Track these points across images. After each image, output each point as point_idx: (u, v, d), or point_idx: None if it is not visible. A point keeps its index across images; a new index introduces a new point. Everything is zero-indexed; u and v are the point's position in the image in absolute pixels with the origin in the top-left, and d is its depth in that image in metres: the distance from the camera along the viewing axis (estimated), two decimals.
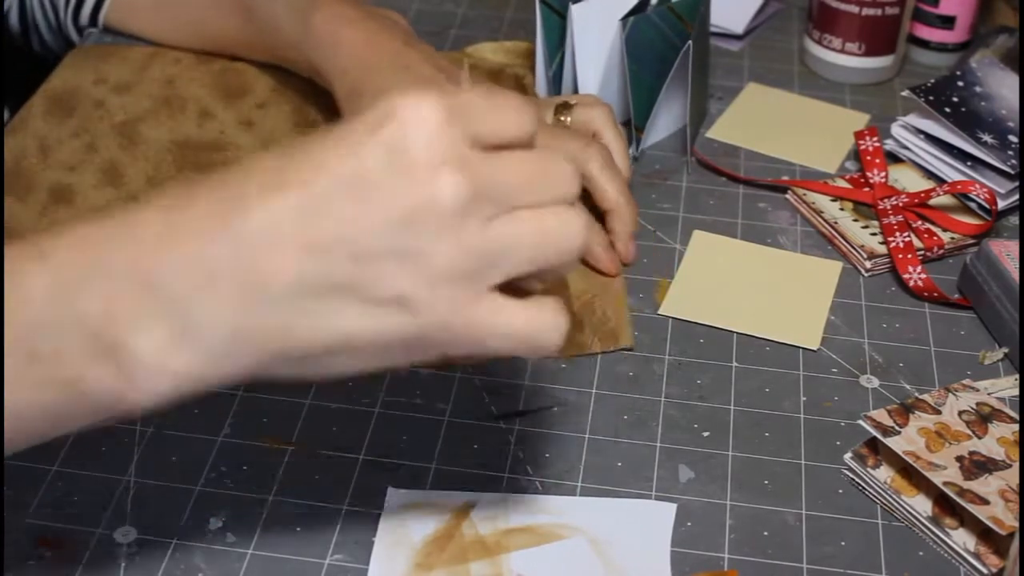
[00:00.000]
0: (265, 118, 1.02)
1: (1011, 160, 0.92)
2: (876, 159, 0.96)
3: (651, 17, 0.97)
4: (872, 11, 1.07)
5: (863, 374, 0.81)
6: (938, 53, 1.13)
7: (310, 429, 0.76)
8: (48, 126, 0.99)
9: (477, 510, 0.71)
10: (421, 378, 0.79)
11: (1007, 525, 0.66)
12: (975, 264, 0.86)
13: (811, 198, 0.95)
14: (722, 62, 1.13)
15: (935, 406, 0.75)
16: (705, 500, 0.72)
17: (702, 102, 1.04)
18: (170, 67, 1.07)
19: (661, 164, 1.00)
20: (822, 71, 1.12)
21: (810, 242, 0.93)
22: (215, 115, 1.02)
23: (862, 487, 0.73)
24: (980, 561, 0.68)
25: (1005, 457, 0.72)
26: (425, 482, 0.73)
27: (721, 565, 0.69)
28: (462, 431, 0.76)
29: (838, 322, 0.85)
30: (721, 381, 0.80)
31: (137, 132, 0.99)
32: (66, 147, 0.97)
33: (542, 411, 0.78)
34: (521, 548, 0.68)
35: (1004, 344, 0.83)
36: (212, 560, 0.68)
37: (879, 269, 0.90)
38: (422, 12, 1.19)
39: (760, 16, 1.19)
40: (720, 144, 1.03)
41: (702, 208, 0.95)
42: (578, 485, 0.73)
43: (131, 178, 0.95)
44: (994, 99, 0.97)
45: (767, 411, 0.78)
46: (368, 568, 0.67)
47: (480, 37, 1.15)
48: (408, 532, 0.69)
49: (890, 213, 0.92)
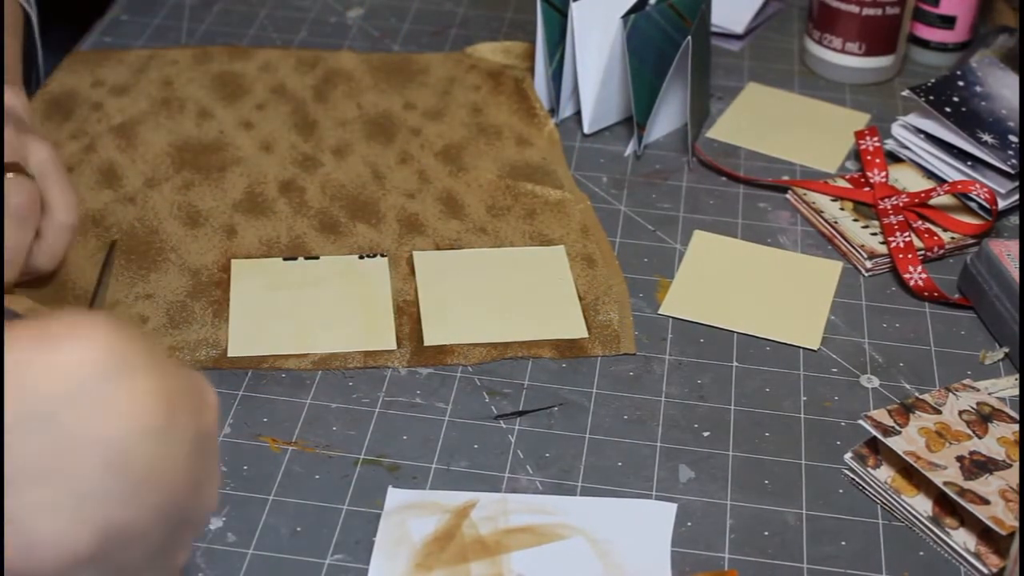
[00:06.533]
0: (264, 119, 1.02)
1: (1011, 160, 0.92)
2: (876, 159, 0.96)
3: (651, 14, 0.97)
4: (872, 11, 1.07)
5: (863, 374, 0.81)
6: (938, 53, 1.13)
7: (310, 429, 0.76)
8: (46, 129, 0.99)
9: (477, 510, 0.70)
10: (421, 378, 0.79)
11: (1007, 525, 0.66)
12: (975, 264, 0.86)
13: (811, 198, 0.95)
14: (722, 62, 1.13)
15: (935, 406, 0.75)
16: (705, 500, 0.72)
17: (703, 101, 1.04)
18: (168, 69, 1.07)
19: (662, 164, 1.00)
20: (822, 71, 1.12)
21: (810, 242, 0.93)
22: (214, 115, 1.02)
23: (862, 487, 0.73)
24: (980, 561, 0.68)
25: (1005, 457, 0.72)
26: (425, 482, 0.73)
27: (721, 565, 0.69)
28: (462, 431, 0.76)
29: (838, 322, 0.85)
30: (721, 381, 0.80)
31: (135, 133, 0.99)
32: (65, 150, 0.97)
33: (542, 411, 0.78)
34: (521, 548, 0.68)
35: (1004, 344, 0.83)
36: (212, 560, 0.67)
37: (879, 269, 0.90)
38: (422, 12, 1.19)
39: (760, 16, 1.19)
40: (720, 144, 1.03)
41: (702, 208, 0.95)
42: (578, 485, 0.73)
43: (129, 180, 0.95)
44: (994, 99, 0.97)
45: (767, 411, 0.78)
46: (368, 568, 0.67)
47: (480, 37, 1.15)
48: (408, 532, 0.69)
49: (890, 213, 0.91)
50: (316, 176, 0.96)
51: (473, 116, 1.04)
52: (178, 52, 1.10)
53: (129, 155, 0.97)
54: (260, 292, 0.85)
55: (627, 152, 1.01)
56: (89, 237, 0.89)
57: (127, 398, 0.46)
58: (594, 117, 1.02)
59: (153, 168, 0.96)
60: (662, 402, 0.79)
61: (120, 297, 0.84)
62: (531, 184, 0.96)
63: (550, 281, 0.87)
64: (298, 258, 0.88)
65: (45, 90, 1.03)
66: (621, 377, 0.80)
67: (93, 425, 0.45)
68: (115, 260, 0.87)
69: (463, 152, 0.99)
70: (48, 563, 0.45)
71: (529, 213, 0.93)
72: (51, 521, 0.45)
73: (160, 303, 0.84)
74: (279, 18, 1.18)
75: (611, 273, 0.88)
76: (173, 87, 1.05)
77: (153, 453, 0.46)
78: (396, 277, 0.87)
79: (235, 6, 1.19)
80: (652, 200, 0.96)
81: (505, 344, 0.82)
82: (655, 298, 0.87)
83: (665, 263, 0.90)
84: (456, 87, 1.07)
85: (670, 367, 0.81)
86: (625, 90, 1.01)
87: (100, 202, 0.92)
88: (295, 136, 1.00)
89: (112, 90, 1.04)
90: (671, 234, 0.93)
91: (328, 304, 0.84)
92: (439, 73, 1.09)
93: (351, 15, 1.19)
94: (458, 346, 0.82)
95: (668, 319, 0.85)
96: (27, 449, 0.44)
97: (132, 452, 0.46)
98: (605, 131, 1.04)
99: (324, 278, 0.87)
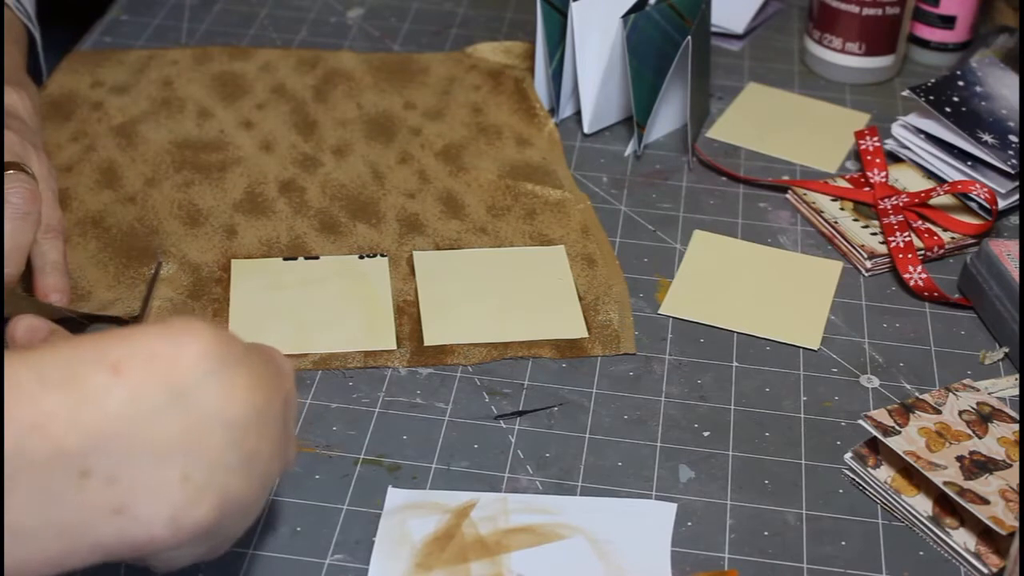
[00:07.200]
0: (264, 119, 1.02)
1: (1011, 160, 0.92)
2: (876, 159, 0.96)
3: (652, 14, 0.97)
4: (872, 11, 1.07)
5: (863, 374, 0.81)
6: (938, 53, 1.13)
7: (310, 429, 0.76)
8: (46, 131, 0.98)
9: (477, 510, 0.70)
10: (421, 378, 0.79)
11: (1007, 525, 0.66)
12: (975, 264, 0.86)
13: (811, 198, 0.95)
14: (722, 62, 1.13)
15: (935, 406, 0.75)
16: (705, 500, 0.72)
17: (704, 101, 1.04)
18: (168, 69, 1.07)
19: (662, 163, 1.00)
20: (822, 71, 1.12)
21: (810, 242, 0.93)
22: (214, 115, 1.02)
23: (862, 487, 0.73)
24: (980, 561, 0.68)
25: (1005, 457, 0.72)
26: (425, 482, 0.73)
27: (721, 565, 0.69)
28: (462, 431, 0.76)
29: (838, 322, 0.85)
30: (721, 381, 0.80)
31: (136, 133, 0.99)
32: (65, 151, 0.97)
33: (542, 411, 0.78)
34: (521, 548, 0.68)
35: (1004, 344, 0.83)
36: (212, 560, 0.67)
37: (879, 269, 0.90)
38: (422, 12, 1.19)
39: (760, 16, 1.19)
40: (720, 144, 1.03)
41: (702, 208, 0.95)
42: (578, 485, 0.73)
43: (129, 180, 0.95)
44: (994, 99, 0.97)
45: (767, 411, 0.78)
46: (368, 568, 0.67)
47: (480, 37, 1.15)
48: (408, 532, 0.69)
49: (890, 213, 0.91)
50: (316, 176, 0.96)
51: (473, 116, 1.04)
52: (178, 52, 1.10)
53: (129, 155, 0.97)
54: (260, 292, 0.85)
55: (627, 152, 1.01)
56: (89, 239, 0.89)
57: (241, 383, 0.52)
58: (594, 117, 1.02)
59: (153, 168, 0.96)
60: (662, 402, 0.79)
61: (122, 296, 0.84)
62: (531, 184, 0.96)
63: (550, 281, 0.87)
64: (298, 258, 0.88)
65: (45, 91, 1.03)
66: (621, 377, 0.80)
67: (216, 407, 0.51)
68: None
69: (463, 152, 0.99)
70: (175, 533, 0.51)
71: (529, 213, 0.93)
72: (182, 492, 0.50)
73: (160, 302, 0.84)
74: (279, 18, 1.18)
75: (611, 273, 0.88)
76: (173, 87, 1.05)
77: (259, 429, 0.53)
78: (396, 277, 0.87)
79: (235, 6, 1.19)
80: (652, 200, 0.96)
81: (505, 344, 0.82)
82: (655, 298, 0.87)
83: (665, 263, 0.90)
84: (456, 87, 1.07)
85: (670, 367, 0.81)
86: (625, 90, 1.01)
87: (100, 203, 0.92)
88: (295, 136, 1.00)
89: (112, 90, 1.04)
90: (671, 234, 0.93)
91: (328, 304, 0.84)
92: (439, 73, 1.09)
93: (351, 15, 1.19)
94: (458, 346, 0.82)
95: (668, 319, 0.85)
96: (166, 429, 0.50)
97: (245, 429, 0.52)
98: (605, 131, 1.04)
99: (324, 278, 0.87)
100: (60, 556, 0.49)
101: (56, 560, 0.49)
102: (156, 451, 0.50)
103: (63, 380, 0.49)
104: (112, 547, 0.50)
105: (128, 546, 0.50)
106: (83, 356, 0.50)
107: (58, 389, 0.48)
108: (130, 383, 0.49)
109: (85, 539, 0.49)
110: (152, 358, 0.50)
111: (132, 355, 0.50)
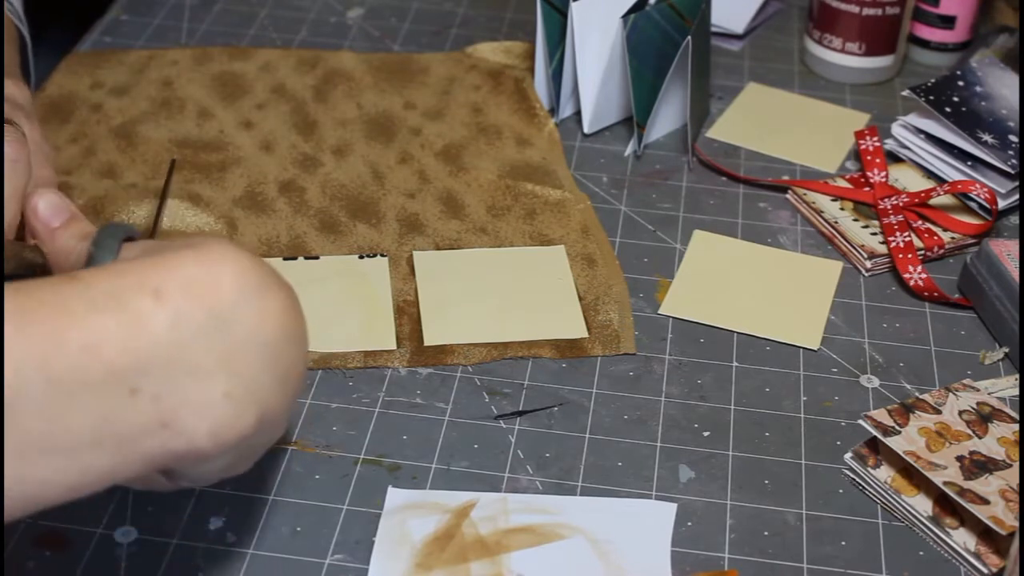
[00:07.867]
0: (264, 119, 1.02)
1: (1011, 160, 0.92)
2: (876, 159, 0.96)
3: (651, 14, 0.97)
4: (872, 11, 1.07)
5: (863, 374, 0.81)
6: (938, 53, 1.13)
7: (310, 429, 0.76)
8: (45, 133, 0.98)
9: (477, 510, 0.70)
10: (421, 378, 0.79)
11: (1007, 525, 0.66)
12: (975, 264, 0.86)
13: (811, 198, 0.95)
14: (722, 62, 1.13)
15: (935, 406, 0.75)
16: (705, 500, 0.72)
17: (704, 101, 1.04)
18: (168, 69, 1.07)
19: (661, 163, 1.00)
20: (822, 71, 1.12)
21: (810, 242, 0.93)
22: (214, 115, 1.02)
23: (862, 487, 0.73)
24: (980, 561, 0.68)
25: (1005, 457, 0.72)
26: (425, 482, 0.73)
27: (721, 565, 0.69)
28: (462, 431, 0.76)
29: (838, 322, 0.85)
30: (721, 381, 0.80)
31: (136, 133, 0.99)
32: (65, 153, 0.97)
33: (542, 411, 0.78)
34: (521, 548, 0.68)
35: (1004, 344, 0.83)
36: (212, 560, 0.67)
37: (879, 269, 0.90)
38: (422, 12, 1.20)
39: (760, 16, 1.19)
40: (720, 144, 1.03)
41: (702, 208, 0.95)
42: (578, 485, 0.73)
43: (130, 180, 0.95)
44: (994, 99, 0.97)
45: (767, 411, 0.78)
46: (368, 568, 0.67)
47: (480, 37, 1.15)
48: (408, 532, 0.69)
49: (890, 213, 0.91)
50: (316, 176, 0.96)
51: (473, 116, 1.04)
52: (178, 52, 1.10)
53: (129, 156, 0.97)
54: None
55: (627, 152, 1.01)
56: None
57: (274, 307, 0.56)
58: (594, 117, 1.02)
59: (153, 168, 0.96)
60: (662, 402, 0.79)
61: None
62: (531, 184, 0.96)
63: (550, 281, 0.87)
64: (298, 258, 0.88)
65: (43, 93, 1.03)
66: (621, 377, 0.80)
67: (254, 329, 0.54)
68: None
69: (463, 152, 0.99)
70: (216, 445, 0.54)
71: (529, 213, 0.93)
72: (223, 408, 0.53)
73: None
74: (279, 18, 1.18)
75: (611, 273, 0.88)
76: (173, 87, 1.05)
77: (290, 348, 0.57)
78: (396, 277, 0.87)
79: (235, 6, 1.19)
80: (652, 200, 0.96)
81: (505, 344, 0.82)
82: (655, 298, 0.87)
83: (665, 263, 0.90)
84: (456, 87, 1.07)
85: (670, 367, 0.81)
86: (625, 90, 1.01)
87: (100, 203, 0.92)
88: (295, 136, 1.00)
89: (112, 91, 1.04)
90: (671, 234, 0.93)
91: (328, 304, 0.84)
92: (439, 73, 1.09)
93: (351, 15, 1.19)
94: (458, 346, 0.82)
95: (668, 319, 0.85)
96: (206, 350, 0.53)
97: (281, 351, 0.56)
98: (605, 131, 1.04)
99: (324, 278, 0.87)
100: (112, 468, 0.52)
101: (109, 472, 0.52)
102: (198, 370, 0.52)
103: (110, 305, 0.51)
104: (157, 458, 0.53)
105: (172, 456, 0.53)
106: (127, 282, 0.53)
107: (106, 313, 0.51)
108: (171, 308, 0.52)
109: (136, 451, 0.52)
110: (191, 283, 0.53)
111: (172, 280, 0.53)
